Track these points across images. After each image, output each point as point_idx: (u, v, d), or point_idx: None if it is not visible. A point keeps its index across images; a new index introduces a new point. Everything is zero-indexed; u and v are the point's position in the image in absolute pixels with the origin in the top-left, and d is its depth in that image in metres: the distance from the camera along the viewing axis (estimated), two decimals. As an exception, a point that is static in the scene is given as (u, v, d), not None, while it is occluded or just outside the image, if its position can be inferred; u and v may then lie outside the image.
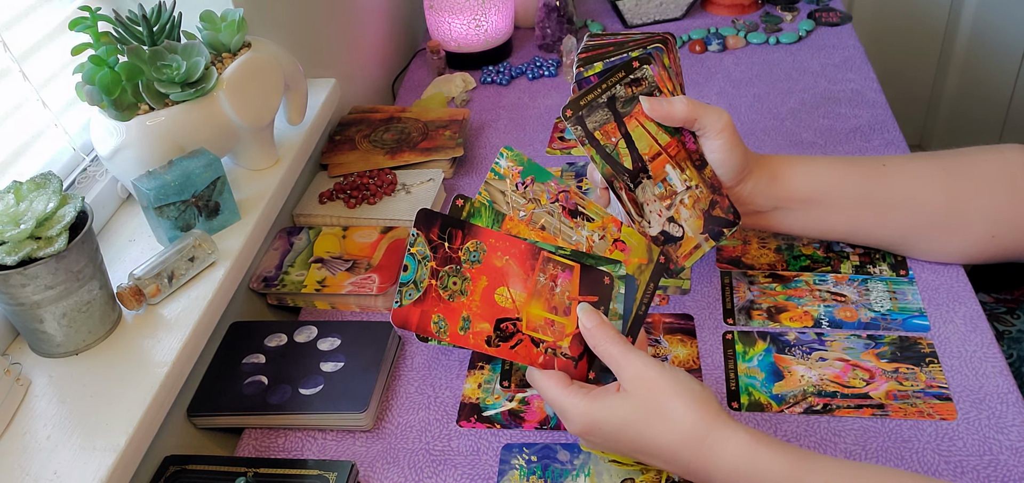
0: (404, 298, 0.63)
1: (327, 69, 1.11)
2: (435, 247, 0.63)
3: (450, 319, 0.63)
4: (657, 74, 0.70)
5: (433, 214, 0.63)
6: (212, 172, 0.77)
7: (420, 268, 0.63)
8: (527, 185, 0.67)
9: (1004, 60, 1.87)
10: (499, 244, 0.64)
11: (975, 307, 0.77)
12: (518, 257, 0.64)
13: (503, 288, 0.63)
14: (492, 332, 0.63)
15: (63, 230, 0.64)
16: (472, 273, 0.63)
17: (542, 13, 1.30)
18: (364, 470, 0.70)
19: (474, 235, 0.63)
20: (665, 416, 0.58)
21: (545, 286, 0.64)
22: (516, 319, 0.63)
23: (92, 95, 0.75)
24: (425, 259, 0.63)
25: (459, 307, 0.63)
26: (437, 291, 0.63)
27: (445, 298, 0.63)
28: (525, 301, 0.64)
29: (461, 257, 0.63)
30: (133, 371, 0.67)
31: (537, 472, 0.67)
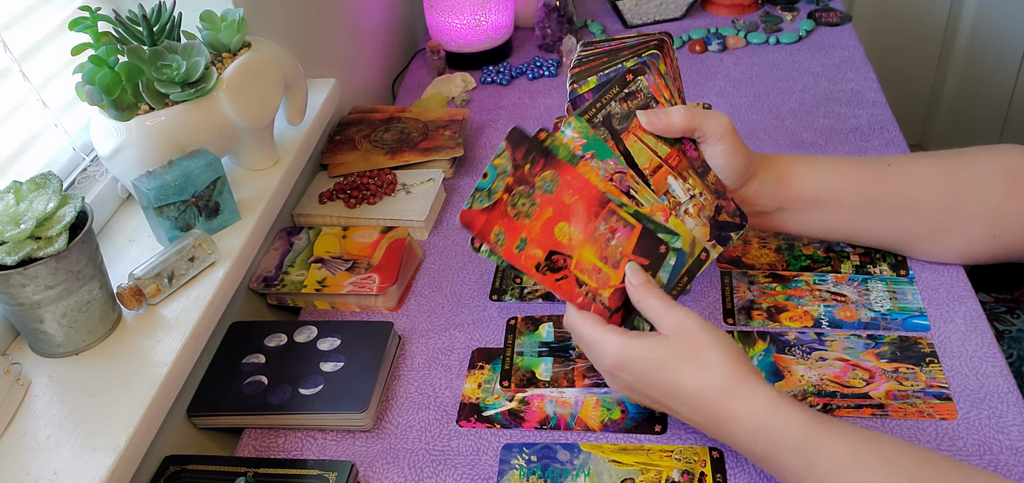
0: (475, 202, 0.66)
1: (327, 69, 1.11)
2: (517, 165, 0.65)
3: (510, 235, 0.66)
4: (653, 83, 0.69)
5: (525, 135, 0.65)
6: (212, 172, 0.77)
7: (498, 180, 0.65)
8: (587, 159, 0.67)
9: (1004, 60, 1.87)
10: (574, 182, 0.66)
11: (975, 307, 0.77)
12: (586, 200, 0.66)
13: (565, 224, 0.66)
14: (543, 260, 0.66)
15: (63, 230, 0.64)
16: (541, 200, 0.66)
17: (542, 13, 1.30)
18: (364, 470, 0.70)
19: (554, 166, 0.66)
20: (699, 362, 0.60)
21: (603, 235, 0.66)
22: (568, 256, 0.66)
23: (92, 95, 0.75)
24: (504, 173, 0.65)
25: (521, 227, 0.66)
26: (506, 206, 0.66)
27: (511, 215, 0.66)
28: (581, 242, 0.66)
29: (536, 183, 0.65)
30: (133, 371, 0.67)
31: (537, 472, 0.67)
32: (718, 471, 0.66)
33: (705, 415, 0.61)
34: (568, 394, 0.74)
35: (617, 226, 0.66)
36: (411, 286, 0.89)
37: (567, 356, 0.77)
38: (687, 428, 0.70)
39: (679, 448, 0.68)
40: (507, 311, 0.83)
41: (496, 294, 0.86)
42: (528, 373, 0.76)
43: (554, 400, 0.73)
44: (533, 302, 0.84)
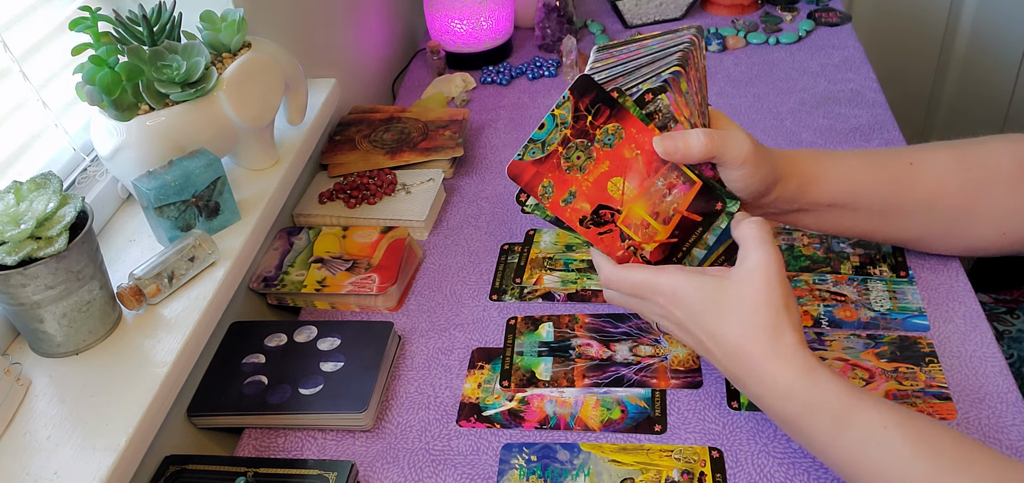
0: (526, 153, 0.65)
1: (327, 69, 1.11)
2: (578, 117, 0.64)
3: (558, 188, 0.65)
4: (673, 102, 0.65)
5: (592, 84, 0.63)
6: (212, 172, 0.77)
7: (554, 132, 0.64)
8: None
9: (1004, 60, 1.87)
10: (637, 137, 0.64)
11: (975, 307, 0.77)
12: (647, 155, 0.64)
13: (619, 179, 0.65)
14: (590, 213, 0.66)
15: (63, 230, 0.64)
16: (599, 154, 0.64)
17: (542, 13, 1.30)
18: (364, 470, 0.70)
19: (620, 119, 0.64)
20: (748, 313, 0.60)
21: (659, 190, 0.65)
22: (616, 210, 0.66)
23: (92, 95, 0.75)
24: (563, 125, 0.64)
25: (571, 181, 0.65)
26: (560, 159, 0.65)
27: (563, 168, 0.65)
28: (633, 198, 0.65)
29: (596, 135, 0.64)
30: (133, 371, 0.67)
31: (537, 472, 0.67)
32: (718, 471, 0.66)
33: (741, 364, 0.61)
34: (568, 394, 0.74)
35: (676, 182, 0.65)
36: (411, 286, 0.89)
37: (567, 356, 0.77)
38: (687, 428, 0.70)
39: (679, 448, 0.68)
40: (507, 311, 0.84)
41: (496, 294, 0.86)
42: (528, 373, 0.76)
43: (554, 400, 0.73)
44: (533, 302, 0.84)
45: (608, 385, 0.74)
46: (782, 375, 0.59)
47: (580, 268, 0.87)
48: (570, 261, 0.88)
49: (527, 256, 0.90)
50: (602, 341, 0.78)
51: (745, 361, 0.61)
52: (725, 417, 0.70)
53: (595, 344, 0.78)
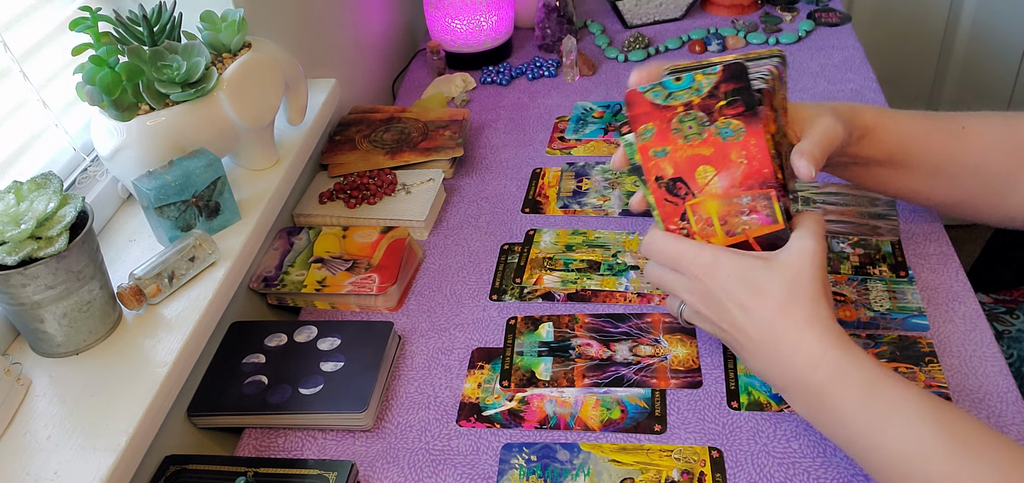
0: (650, 92, 0.63)
1: (327, 69, 1.11)
2: (712, 94, 0.62)
3: (657, 139, 0.64)
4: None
5: (744, 76, 0.61)
6: (212, 172, 0.77)
7: (685, 92, 0.62)
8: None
9: (1004, 60, 1.87)
10: (751, 147, 0.62)
11: (975, 307, 0.77)
12: (749, 170, 0.63)
13: (711, 170, 0.64)
14: (668, 179, 0.65)
15: (64, 230, 0.64)
16: (708, 138, 0.63)
17: (542, 13, 1.30)
18: (364, 470, 0.70)
19: (747, 122, 0.62)
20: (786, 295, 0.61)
21: (740, 205, 0.64)
22: (692, 193, 0.65)
23: (92, 95, 0.75)
24: (697, 91, 0.62)
25: (671, 141, 0.64)
26: (674, 116, 0.63)
27: (672, 126, 0.63)
28: (714, 195, 0.64)
29: (717, 121, 0.62)
30: (133, 371, 0.67)
31: (537, 472, 0.67)
32: (718, 471, 0.66)
33: (770, 341, 0.62)
34: (568, 394, 0.74)
35: (760, 209, 0.64)
36: (411, 286, 0.89)
37: (567, 356, 0.77)
38: (687, 428, 0.70)
39: (679, 448, 0.68)
40: (507, 311, 0.84)
41: (496, 294, 0.86)
42: (528, 373, 0.76)
43: (554, 400, 0.73)
44: (533, 302, 0.84)
45: (608, 385, 0.74)
46: (816, 343, 0.60)
47: (580, 268, 0.87)
48: (570, 261, 0.88)
49: (527, 256, 0.90)
50: (602, 341, 0.78)
51: (776, 332, 0.61)
52: (725, 417, 0.70)
53: (595, 344, 0.78)
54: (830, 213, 0.89)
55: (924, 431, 0.55)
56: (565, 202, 0.97)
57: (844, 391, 0.58)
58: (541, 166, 1.05)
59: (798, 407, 0.63)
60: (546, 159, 1.06)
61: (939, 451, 0.54)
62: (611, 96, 1.18)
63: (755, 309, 0.62)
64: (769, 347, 0.62)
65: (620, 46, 1.32)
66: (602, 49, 1.31)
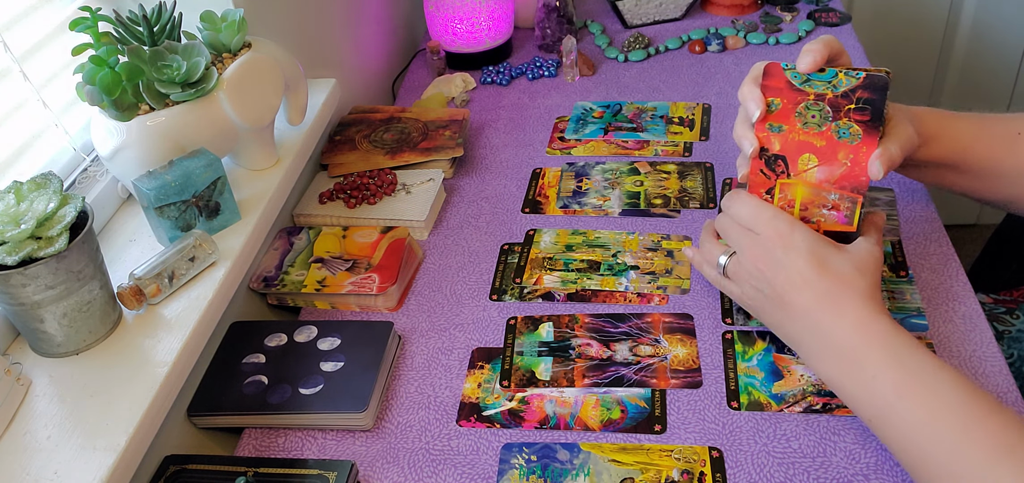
0: (789, 72, 0.67)
1: (327, 69, 1.11)
2: (846, 95, 0.66)
3: (779, 115, 0.69)
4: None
5: (883, 89, 0.65)
6: (212, 172, 0.77)
7: (823, 84, 0.67)
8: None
9: (1004, 60, 1.87)
10: (862, 153, 0.67)
11: (974, 307, 0.77)
12: (851, 173, 0.68)
13: (814, 160, 0.69)
14: (772, 153, 0.70)
15: (64, 230, 0.64)
16: (826, 131, 0.68)
17: (542, 13, 1.30)
18: (364, 470, 0.70)
19: (867, 131, 0.66)
20: (853, 271, 0.65)
21: (825, 199, 0.68)
22: (788, 172, 0.70)
23: (92, 95, 0.75)
24: (833, 87, 0.67)
25: (789, 122, 0.69)
26: (802, 100, 0.68)
27: (795, 108, 0.68)
28: (807, 182, 0.69)
29: (841, 120, 0.67)
30: (133, 371, 0.67)
31: (537, 471, 0.67)
32: (718, 471, 0.66)
33: (821, 306, 0.65)
34: (568, 394, 0.74)
35: (841, 208, 0.69)
36: (411, 286, 0.89)
37: (567, 356, 0.77)
38: (686, 428, 0.70)
39: (679, 448, 0.68)
40: (507, 311, 0.84)
41: (496, 294, 0.86)
42: (528, 373, 0.76)
43: (554, 400, 0.73)
44: (533, 302, 0.84)
45: (608, 385, 0.74)
46: (865, 312, 0.64)
47: (580, 268, 0.87)
48: (570, 261, 0.88)
49: (527, 256, 0.90)
50: (602, 341, 0.78)
51: (831, 301, 0.65)
52: (725, 417, 0.70)
53: (595, 344, 0.78)
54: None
55: (946, 407, 0.58)
56: (565, 202, 0.97)
57: (879, 355, 0.62)
58: (541, 166, 1.05)
59: (825, 368, 0.66)
60: (546, 159, 1.06)
61: (956, 428, 0.57)
62: (611, 96, 1.18)
63: (815, 281, 0.65)
64: (815, 312, 0.65)
65: (620, 46, 1.32)
66: (602, 49, 1.31)
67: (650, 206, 0.95)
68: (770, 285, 0.68)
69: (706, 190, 0.97)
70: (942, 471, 0.57)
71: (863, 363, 0.63)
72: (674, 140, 1.06)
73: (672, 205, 0.95)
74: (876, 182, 0.69)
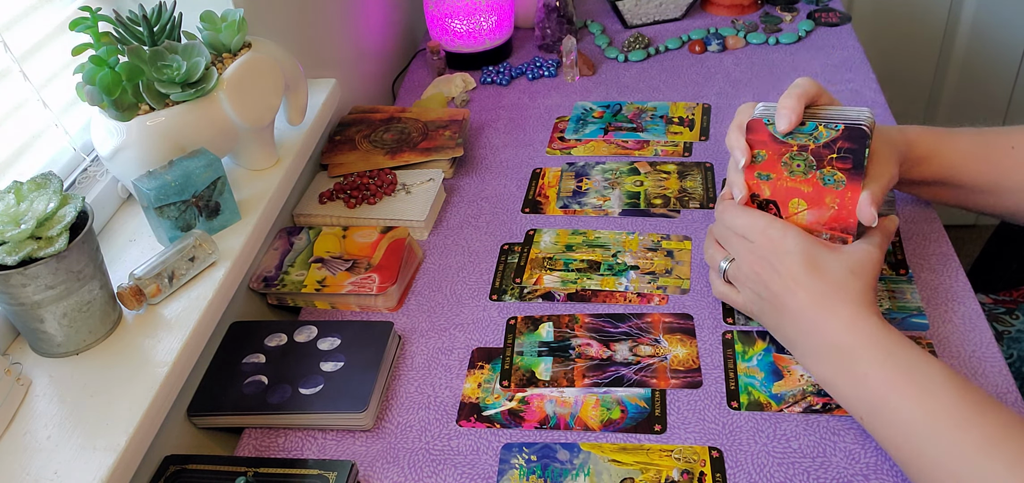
0: (771, 125, 0.69)
1: (327, 69, 1.11)
2: (828, 146, 0.68)
3: (766, 165, 0.71)
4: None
5: (862, 140, 0.67)
6: (212, 172, 0.77)
7: (804, 137, 0.69)
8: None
9: (1004, 60, 1.87)
10: (845, 200, 0.70)
11: (974, 307, 0.77)
12: (836, 216, 0.71)
13: (803, 204, 0.71)
14: (764, 199, 0.73)
15: (64, 230, 0.64)
16: (811, 179, 0.70)
17: (542, 13, 1.30)
18: (364, 470, 0.70)
19: (850, 178, 0.69)
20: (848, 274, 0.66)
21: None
22: (779, 216, 0.72)
23: (92, 95, 0.75)
24: (815, 139, 0.68)
25: (776, 171, 0.71)
26: (786, 151, 0.70)
27: (781, 158, 0.70)
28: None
29: (824, 169, 0.69)
30: (133, 371, 0.67)
31: (537, 471, 0.67)
32: (718, 471, 0.66)
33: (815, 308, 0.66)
34: (568, 394, 0.74)
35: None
36: (411, 286, 0.89)
37: (567, 356, 0.77)
38: (686, 428, 0.70)
39: (678, 448, 0.68)
40: (507, 311, 0.84)
41: (496, 294, 0.86)
42: (528, 373, 0.76)
43: (554, 400, 0.73)
44: (533, 302, 0.84)
45: (608, 385, 0.74)
46: (857, 311, 0.65)
47: (580, 268, 0.87)
48: (570, 261, 0.88)
49: (527, 256, 0.90)
50: (602, 341, 0.78)
51: (825, 301, 0.66)
52: (725, 417, 0.70)
53: (595, 344, 0.78)
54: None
55: (937, 402, 0.58)
56: (565, 202, 0.97)
57: (870, 353, 0.62)
58: (541, 166, 1.05)
59: (820, 368, 0.67)
60: (546, 159, 1.06)
61: (947, 423, 0.57)
62: (611, 96, 1.18)
63: (809, 283, 0.66)
64: (810, 313, 0.66)
65: (620, 46, 1.32)
66: (602, 49, 1.31)
67: (650, 206, 0.95)
68: (767, 288, 0.70)
69: (706, 190, 0.97)
70: (936, 466, 0.57)
71: (855, 361, 0.63)
72: (674, 140, 1.06)
73: (672, 205, 0.95)
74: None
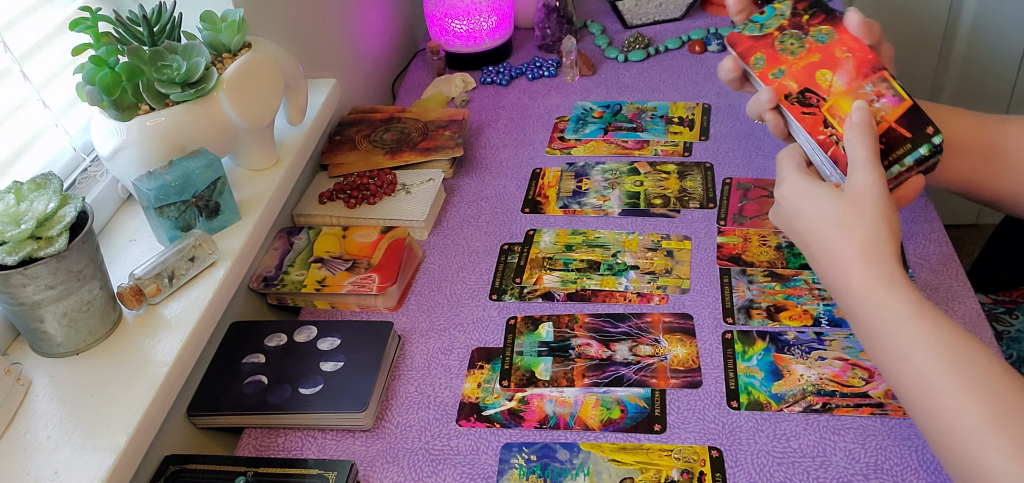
0: (745, 28, 0.71)
1: (327, 69, 1.11)
2: (795, 13, 0.69)
3: (770, 63, 0.71)
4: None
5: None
6: (212, 172, 0.77)
7: (772, 19, 0.70)
8: None
9: (1004, 60, 1.87)
10: (848, 42, 0.69)
11: (974, 306, 0.77)
12: (859, 60, 0.69)
13: (828, 71, 0.69)
14: (796, 92, 0.70)
15: (64, 230, 0.64)
16: (810, 46, 0.70)
17: (542, 13, 1.30)
18: (364, 470, 0.70)
19: (833, 23, 0.69)
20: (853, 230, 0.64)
21: (867, 94, 0.68)
22: (822, 97, 0.69)
23: (92, 95, 0.75)
24: (781, 16, 0.70)
25: (782, 60, 0.71)
26: (774, 40, 0.70)
27: (776, 48, 0.70)
28: (841, 93, 0.68)
29: (810, 31, 0.70)
30: (133, 371, 0.67)
31: (537, 471, 0.67)
32: (717, 470, 0.66)
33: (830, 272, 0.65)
34: (568, 394, 0.74)
35: (885, 92, 0.68)
36: (411, 286, 0.89)
37: (567, 356, 0.77)
38: (686, 427, 0.70)
39: (678, 447, 0.68)
40: (507, 311, 0.84)
41: (496, 294, 0.86)
42: (528, 373, 0.76)
43: (554, 400, 0.73)
44: (533, 302, 0.84)
45: (608, 385, 0.74)
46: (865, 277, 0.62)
47: (580, 268, 0.87)
48: (570, 261, 0.88)
49: (527, 256, 0.90)
50: (602, 341, 0.78)
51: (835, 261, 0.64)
52: (725, 417, 0.70)
53: (595, 344, 0.78)
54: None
55: (941, 369, 0.58)
56: (565, 202, 0.97)
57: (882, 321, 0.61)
58: (541, 166, 1.05)
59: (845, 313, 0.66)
60: (546, 159, 1.06)
61: (950, 388, 0.57)
62: (611, 96, 1.18)
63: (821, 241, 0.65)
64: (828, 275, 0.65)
65: (620, 46, 1.32)
66: (602, 49, 1.31)
67: (650, 206, 0.95)
68: (794, 231, 0.69)
69: (706, 190, 0.97)
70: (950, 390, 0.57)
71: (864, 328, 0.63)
72: (674, 140, 1.06)
73: (672, 205, 0.95)
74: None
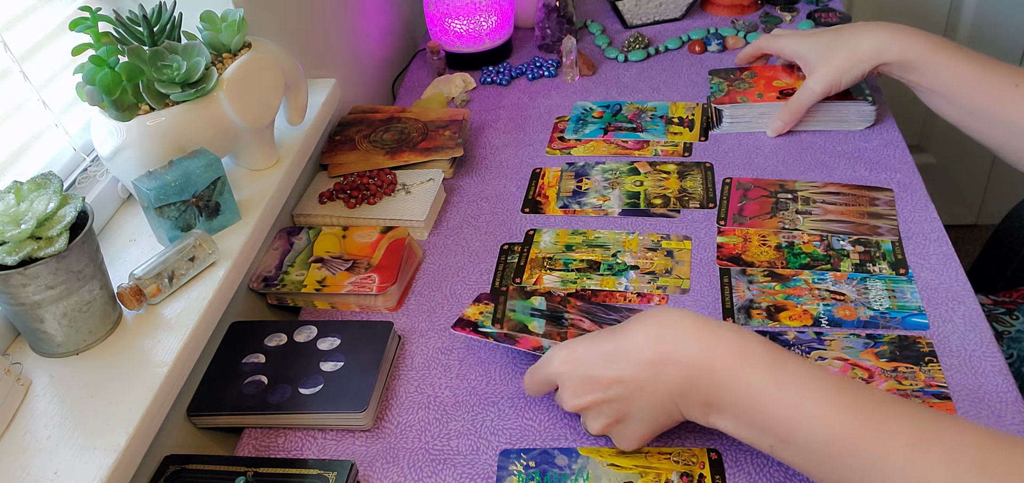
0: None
1: (327, 69, 1.11)
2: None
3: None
4: None
5: None
6: (212, 172, 0.77)
7: None
8: None
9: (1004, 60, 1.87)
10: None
11: (974, 306, 0.77)
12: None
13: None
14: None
15: (64, 230, 0.64)
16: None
17: (542, 13, 1.30)
18: (364, 470, 0.70)
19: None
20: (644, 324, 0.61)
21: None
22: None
23: (93, 95, 0.75)
24: None
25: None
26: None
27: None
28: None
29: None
30: (133, 371, 0.67)
31: (536, 478, 0.67)
32: (717, 473, 0.66)
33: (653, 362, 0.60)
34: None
35: None
36: (411, 286, 0.89)
37: (560, 324, 0.76)
38: (686, 428, 0.70)
39: (677, 450, 0.68)
40: (507, 311, 0.84)
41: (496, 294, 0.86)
42: (520, 324, 0.76)
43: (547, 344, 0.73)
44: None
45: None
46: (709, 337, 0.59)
47: (580, 268, 0.87)
48: (570, 261, 0.88)
49: (527, 256, 0.90)
50: (595, 321, 0.78)
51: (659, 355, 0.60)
52: (724, 417, 0.70)
53: (587, 321, 0.77)
54: (830, 213, 0.89)
55: (832, 408, 0.54)
56: (565, 202, 0.97)
57: (756, 377, 0.57)
58: (541, 166, 1.05)
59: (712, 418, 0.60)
60: (546, 159, 1.06)
61: (846, 427, 0.53)
62: (611, 96, 1.18)
63: (626, 353, 0.61)
64: (653, 377, 0.60)
65: (620, 46, 1.32)
66: (602, 49, 1.31)
67: (650, 206, 0.95)
68: (606, 399, 0.63)
69: (706, 190, 0.97)
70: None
71: (740, 396, 0.58)
72: (674, 140, 1.06)
73: (672, 205, 0.95)
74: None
